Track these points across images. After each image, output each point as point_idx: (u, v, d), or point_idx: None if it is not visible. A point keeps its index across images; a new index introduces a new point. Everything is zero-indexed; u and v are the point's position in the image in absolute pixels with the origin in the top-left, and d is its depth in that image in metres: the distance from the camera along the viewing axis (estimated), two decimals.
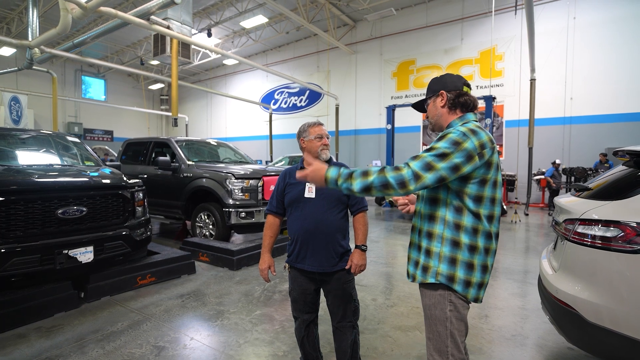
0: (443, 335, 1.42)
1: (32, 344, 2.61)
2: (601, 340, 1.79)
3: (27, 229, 2.99)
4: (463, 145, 1.33)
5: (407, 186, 1.29)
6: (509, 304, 3.46)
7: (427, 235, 1.47)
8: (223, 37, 16.45)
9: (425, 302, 1.49)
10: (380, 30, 14.65)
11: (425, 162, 1.31)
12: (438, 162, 1.31)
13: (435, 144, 1.36)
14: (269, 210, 2.12)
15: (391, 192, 1.31)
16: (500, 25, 11.74)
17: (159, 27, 7.62)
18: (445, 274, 1.41)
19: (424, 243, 1.49)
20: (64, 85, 18.62)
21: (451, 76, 1.56)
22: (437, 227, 1.44)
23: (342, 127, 15.54)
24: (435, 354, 1.44)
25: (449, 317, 1.42)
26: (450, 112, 1.52)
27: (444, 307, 1.42)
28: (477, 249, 1.40)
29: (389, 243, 6.27)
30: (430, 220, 1.47)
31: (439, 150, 1.33)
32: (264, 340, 2.70)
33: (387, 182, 1.30)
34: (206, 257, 4.79)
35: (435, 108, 1.56)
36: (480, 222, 1.40)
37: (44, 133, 4.57)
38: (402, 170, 1.31)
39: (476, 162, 1.34)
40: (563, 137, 11.25)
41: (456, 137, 1.35)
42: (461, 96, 1.50)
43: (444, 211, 1.43)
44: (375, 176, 1.32)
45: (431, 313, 1.46)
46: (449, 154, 1.32)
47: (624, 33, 10.18)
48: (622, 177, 2.12)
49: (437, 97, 1.55)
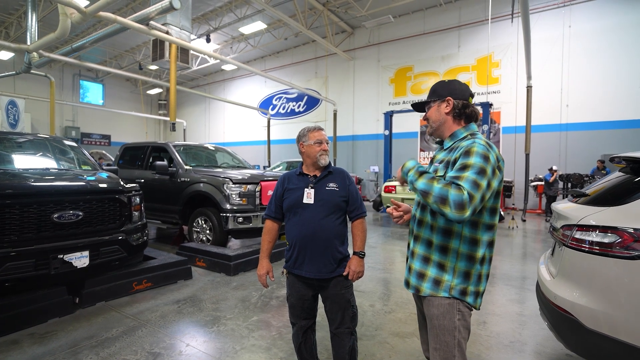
0: (451, 344, 1.41)
1: (25, 351, 2.57)
2: (599, 347, 1.78)
3: (22, 234, 2.96)
4: (490, 160, 1.31)
5: (464, 208, 1.21)
6: (507, 310, 3.45)
7: (441, 249, 1.44)
8: (222, 43, 16.52)
9: (433, 312, 1.46)
10: (378, 37, 14.77)
11: (472, 181, 1.25)
12: (481, 179, 1.26)
13: (467, 160, 1.30)
14: (267, 215, 2.10)
15: (445, 210, 1.23)
16: (496, 32, 11.87)
17: (158, 32, 7.65)
18: (458, 289, 1.41)
19: (435, 257, 1.46)
20: (61, 90, 18.60)
21: (460, 84, 1.55)
22: (452, 242, 1.42)
23: (340, 133, 15.58)
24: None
25: (457, 327, 1.41)
26: (455, 121, 1.52)
27: (453, 317, 1.41)
28: (486, 260, 1.43)
29: (386, 249, 6.26)
30: (445, 234, 1.43)
31: (476, 167, 1.28)
32: (260, 347, 2.67)
33: (446, 198, 1.23)
34: (203, 263, 4.75)
35: (438, 113, 1.54)
36: (494, 234, 1.43)
37: (40, 137, 4.55)
38: (462, 191, 1.22)
39: (499, 176, 1.35)
40: (559, 144, 11.33)
41: (483, 150, 1.32)
42: (468, 107, 1.50)
43: (460, 226, 1.41)
44: (439, 186, 1.26)
45: (439, 323, 1.43)
46: (485, 170, 1.28)
47: (618, 41, 10.31)
48: (619, 183, 2.13)
49: (442, 102, 1.52)
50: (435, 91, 1.56)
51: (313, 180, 1.99)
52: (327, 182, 1.99)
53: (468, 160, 1.32)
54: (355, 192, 2.04)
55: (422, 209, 1.53)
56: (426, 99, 1.60)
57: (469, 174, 1.27)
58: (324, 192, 1.95)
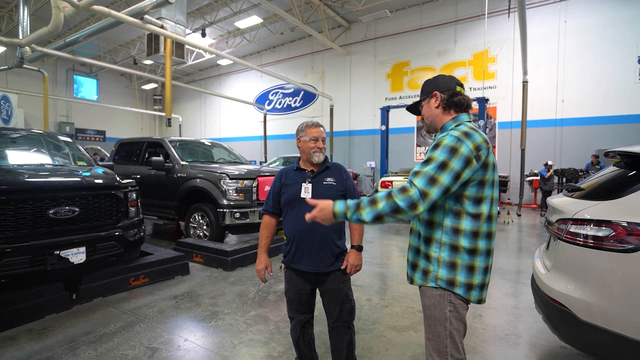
0: (442, 335, 1.42)
1: (22, 347, 2.57)
2: (593, 338, 1.81)
3: (18, 230, 2.94)
4: (459, 151, 1.32)
5: (417, 207, 1.27)
6: (502, 303, 3.49)
7: (425, 240, 1.47)
8: (217, 37, 16.39)
9: (425, 303, 1.49)
10: (374, 31, 14.72)
11: (428, 177, 1.29)
12: (440, 173, 1.29)
13: (433, 154, 1.34)
14: (265, 210, 2.11)
15: (403, 215, 1.28)
16: (493, 28, 11.88)
17: (152, 26, 7.57)
18: (444, 279, 1.42)
19: (422, 247, 1.49)
20: (55, 85, 18.38)
21: (444, 77, 1.57)
22: (435, 233, 1.44)
23: (337, 128, 15.57)
24: (435, 354, 1.44)
25: (448, 318, 1.42)
26: (445, 113, 1.52)
27: (444, 308, 1.42)
28: (478, 252, 1.41)
29: (383, 244, 6.29)
30: (428, 225, 1.46)
31: (437, 161, 1.31)
32: (258, 341, 2.69)
33: (397, 207, 1.27)
34: (200, 258, 4.75)
35: (429, 109, 1.56)
36: (480, 224, 1.40)
37: (35, 132, 4.50)
38: (409, 192, 1.28)
39: (474, 166, 1.34)
40: (554, 139, 11.41)
41: (451, 143, 1.34)
42: (455, 96, 1.50)
43: (441, 216, 1.43)
44: (384, 203, 1.29)
45: (431, 313, 1.46)
46: (448, 163, 1.31)
47: (613, 36, 10.36)
48: (613, 178, 2.16)
49: (430, 98, 1.55)
50: (423, 90, 1.60)
51: (310, 175, 1.99)
52: (325, 176, 1.99)
53: (433, 153, 1.35)
54: (353, 186, 2.05)
55: None
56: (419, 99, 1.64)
57: (428, 169, 1.31)
58: (322, 186, 1.96)
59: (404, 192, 1.28)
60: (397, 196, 1.28)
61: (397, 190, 1.30)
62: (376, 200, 1.32)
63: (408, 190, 1.28)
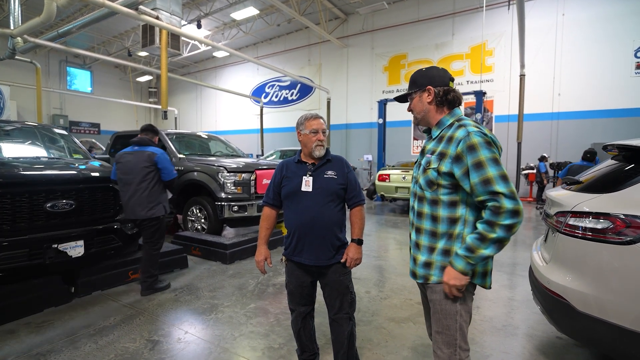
0: (452, 328, 1.45)
1: (22, 340, 2.57)
2: (590, 329, 1.84)
3: (15, 223, 2.92)
4: (492, 143, 1.37)
5: (519, 206, 1.30)
6: (499, 295, 3.53)
7: (446, 236, 1.46)
8: (213, 29, 16.18)
9: (435, 298, 1.49)
10: (372, 24, 14.60)
11: (502, 176, 1.32)
12: (500, 167, 1.34)
13: (477, 157, 1.34)
14: (265, 202, 2.10)
15: (515, 229, 1.32)
16: (491, 21, 11.82)
17: (147, 17, 7.45)
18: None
19: (440, 244, 1.47)
20: (48, 77, 18.09)
21: (438, 70, 1.54)
22: (457, 228, 1.44)
23: (334, 122, 15.51)
24: (444, 347, 1.46)
25: (458, 311, 1.44)
26: (438, 109, 1.52)
27: (454, 301, 1.44)
28: None
29: (381, 236, 6.32)
30: (450, 222, 1.45)
31: (491, 159, 1.34)
32: (259, 333, 2.71)
33: (505, 225, 1.29)
34: (198, 251, 4.75)
35: (421, 103, 1.54)
36: None
37: (29, 125, 4.44)
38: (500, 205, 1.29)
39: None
40: (551, 132, 11.45)
41: (484, 139, 1.37)
42: (449, 93, 1.49)
43: (463, 211, 1.44)
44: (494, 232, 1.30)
45: (441, 308, 1.47)
46: (496, 157, 1.35)
47: (610, 30, 10.35)
48: (611, 171, 2.18)
49: (423, 92, 1.52)
50: (415, 81, 1.55)
51: (311, 168, 1.98)
52: (326, 169, 1.98)
53: (477, 156, 1.35)
54: (354, 180, 2.04)
55: (419, 200, 1.54)
56: (407, 90, 1.60)
57: (491, 170, 1.32)
58: (323, 179, 1.95)
59: (495, 209, 1.30)
60: (499, 219, 1.29)
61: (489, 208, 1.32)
62: (481, 235, 1.33)
63: (498, 203, 1.30)
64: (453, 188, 1.43)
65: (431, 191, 1.47)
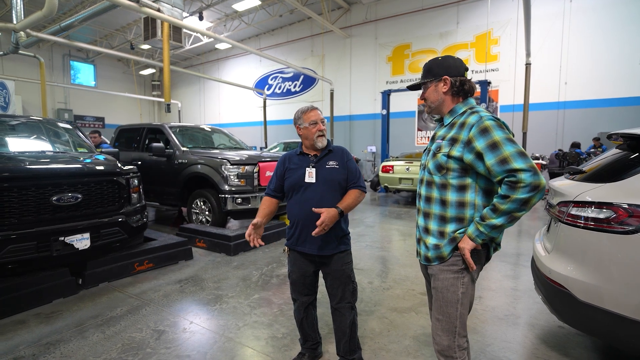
0: (453, 316, 1.48)
1: (32, 330, 2.63)
2: (591, 318, 1.85)
3: (22, 216, 2.97)
4: (503, 125, 1.39)
5: (540, 181, 1.28)
6: (501, 285, 3.54)
7: (456, 220, 1.47)
8: (215, 21, 16.07)
9: (438, 285, 1.51)
10: (375, 13, 14.41)
11: (519, 153, 1.32)
12: (515, 145, 1.34)
13: (491, 139, 1.34)
14: (267, 193, 2.12)
15: (534, 201, 1.31)
16: (496, 8, 11.62)
17: (149, 9, 7.42)
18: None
19: (450, 228, 1.48)
20: (52, 71, 18.15)
21: (454, 60, 1.53)
22: (467, 212, 1.46)
23: (337, 113, 15.45)
24: (443, 334, 1.49)
25: (460, 299, 1.47)
26: (454, 99, 1.53)
27: (457, 290, 1.47)
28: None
29: (384, 228, 6.33)
30: (459, 206, 1.46)
31: (506, 139, 1.34)
32: (262, 323, 2.75)
33: (522, 199, 1.29)
34: (203, 243, 4.80)
35: (436, 93, 1.54)
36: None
37: (34, 119, 4.48)
38: (520, 180, 1.28)
39: None
40: (557, 122, 11.31)
41: (496, 122, 1.38)
42: (465, 83, 1.50)
43: (472, 195, 1.45)
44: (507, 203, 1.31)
45: (443, 295, 1.49)
46: (510, 137, 1.36)
47: (618, 17, 10.13)
48: (615, 160, 2.15)
49: (439, 81, 1.52)
50: (430, 70, 1.55)
51: (314, 159, 1.99)
52: (328, 160, 1.99)
53: (491, 137, 1.35)
54: (355, 168, 2.04)
55: (427, 185, 1.54)
56: (421, 78, 1.59)
57: (507, 148, 1.32)
58: (325, 170, 1.96)
59: (515, 183, 1.29)
60: (516, 192, 1.29)
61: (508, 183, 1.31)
62: (496, 207, 1.35)
63: (518, 179, 1.29)
64: (462, 172, 1.44)
65: (440, 175, 1.48)
